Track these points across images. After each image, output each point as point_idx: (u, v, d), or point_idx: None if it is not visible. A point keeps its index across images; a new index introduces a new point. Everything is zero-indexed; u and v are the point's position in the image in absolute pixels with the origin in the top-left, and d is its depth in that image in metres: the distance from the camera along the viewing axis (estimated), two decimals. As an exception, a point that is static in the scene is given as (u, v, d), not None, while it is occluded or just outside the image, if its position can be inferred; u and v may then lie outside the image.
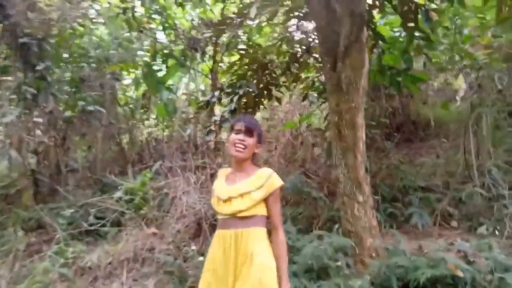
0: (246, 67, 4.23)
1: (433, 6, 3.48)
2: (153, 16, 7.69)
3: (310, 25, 4.39)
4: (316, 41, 4.18)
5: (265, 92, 4.56)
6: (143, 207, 5.10)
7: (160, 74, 8.60)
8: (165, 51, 8.26)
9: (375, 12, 3.32)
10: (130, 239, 4.65)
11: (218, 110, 6.93)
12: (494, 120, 4.05)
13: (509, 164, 3.86)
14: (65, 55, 7.17)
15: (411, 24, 3.25)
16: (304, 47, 3.99)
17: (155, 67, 8.32)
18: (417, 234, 3.75)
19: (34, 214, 5.28)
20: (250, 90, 3.81)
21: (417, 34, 3.47)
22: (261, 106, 4.77)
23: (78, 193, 5.70)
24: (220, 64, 7.66)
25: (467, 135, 4.21)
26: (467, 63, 4.86)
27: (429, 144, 6.40)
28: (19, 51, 5.89)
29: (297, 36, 4.18)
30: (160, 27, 8.04)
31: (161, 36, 8.49)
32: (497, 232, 3.50)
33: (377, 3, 3.18)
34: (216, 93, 4.18)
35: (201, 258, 4.02)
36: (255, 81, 4.02)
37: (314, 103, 5.52)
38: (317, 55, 4.17)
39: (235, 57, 9.17)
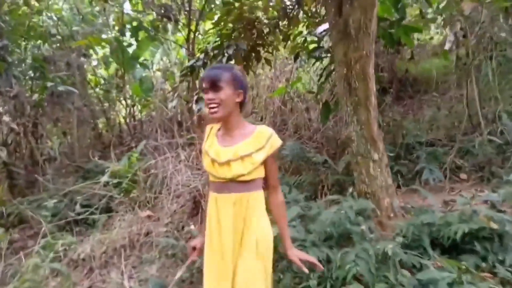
0: (231, 26, 3.85)
1: None
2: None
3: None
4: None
5: (253, 54, 4.21)
6: (132, 190, 4.76)
7: (130, 49, 8.05)
8: (134, 24, 7.65)
9: None
10: (123, 224, 4.33)
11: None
12: (497, 65, 3.88)
13: None
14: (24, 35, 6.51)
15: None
16: (294, 0, 3.63)
17: (124, 43, 7.74)
18: (428, 190, 3.61)
19: (12, 208, 4.84)
20: (241, 49, 3.46)
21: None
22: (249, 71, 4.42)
23: (58, 182, 5.27)
24: (196, 33, 7.14)
25: (470, 84, 4.04)
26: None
27: (421, 100, 6.28)
28: (-30, 31, 5.24)
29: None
30: (126, -3, 7.40)
31: (127, 7, 7.85)
32: (512, 180, 3.41)
33: None
34: (201, 56, 3.81)
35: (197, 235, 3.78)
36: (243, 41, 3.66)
37: (302, 66, 5.20)
38: (307, 8, 3.83)
39: (209, 26, 8.76)
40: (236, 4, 3.57)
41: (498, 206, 2.63)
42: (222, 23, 3.74)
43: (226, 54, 3.55)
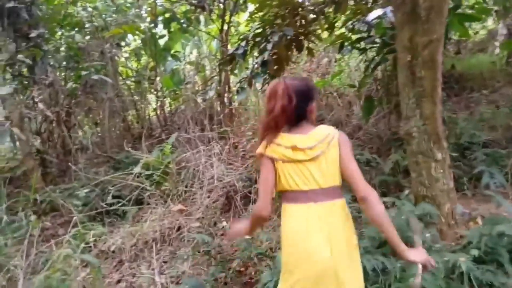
0: (274, 12, 3.62)
1: None
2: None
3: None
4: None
5: (293, 43, 3.95)
6: (164, 182, 4.63)
7: (162, 41, 7.96)
8: (167, 15, 7.54)
9: None
10: (154, 217, 4.20)
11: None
12: None
13: None
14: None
15: None
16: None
17: (157, 35, 7.65)
18: (486, 196, 3.27)
19: (45, 196, 4.82)
20: (287, 36, 3.22)
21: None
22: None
23: (90, 172, 5.22)
24: (230, 24, 6.95)
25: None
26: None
27: (469, 98, 5.84)
28: (8, 19, 5.23)
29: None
30: (160, -13, 7.29)
31: (160, -1, 7.74)
32: None
33: None
34: (243, 44, 3.59)
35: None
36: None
37: (343, 57, 4.90)
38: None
39: (243, 18, 8.56)
40: (282, -12, 3.34)
41: None
42: (266, 8, 3.52)
43: (270, 41, 3.32)
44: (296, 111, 1.62)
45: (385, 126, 4.40)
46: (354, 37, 4.32)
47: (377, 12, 3.56)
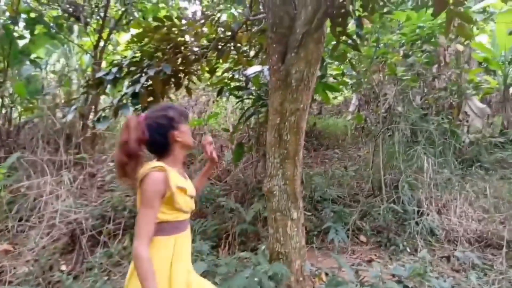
0: (154, 44, 3.44)
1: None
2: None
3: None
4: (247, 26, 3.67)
5: (173, 79, 3.83)
6: (-11, 213, 3.76)
7: (22, 42, 6.86)
8: (32, 15, 6.59)
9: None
10: (-35, 259, 3.32)
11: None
12: (400, 137, 4.23)
13: (417, 180, 4.08)
14: None
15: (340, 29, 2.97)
16: (231, 32, 3.41)
17: (15, 33, 6.55)
18: (331, 249, 3.60)
19: None
20: (164, 71, 3.06)
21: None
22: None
23: None
24: (107, 42, 6.45)
25: (376, 151, 4.31)
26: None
27: (324, 154, 6.56)
28: None
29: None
30: (29, -17, 6.38)
31: (28, -5, 6.75)
32: (408, 250, 3.59)
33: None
34: (113, 70, 3.27)
35: (69, 282, 3.08)
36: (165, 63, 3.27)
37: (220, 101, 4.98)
38: (240, 44, 3.66)
39: (123, 38, 8.07)
40: (166, 23, 3.21)
41: (405, 282, 2.68)
42: (146, 39, 3.32)
43: (144, 74, 3.10)
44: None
45: (252, 173, 4.55)
46: (233, 84, 4.44)
47: (255, 68, 3.74)
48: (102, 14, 6.29)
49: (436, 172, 4.25)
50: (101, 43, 6.38)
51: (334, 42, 3.25)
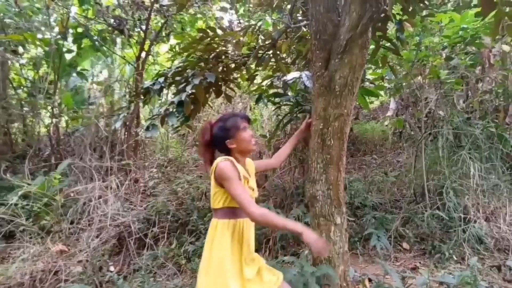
0: (197, 55, 3.58)
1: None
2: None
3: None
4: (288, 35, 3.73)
5: (213, 87, 3.95)
6: (45, 216, 4.01)
7: (68, 55, 7.30)
8: (79, 30, 7.00)
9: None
10: (26, 258, 3.56)
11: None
12: (446, 140, 4.11)
13: (462, 186, 3.94)
14: None
15: (380, 33, 2.96)
16: (272, 40, 3.49)
17: (64, 48, 6.99)
18: (373, 256, 3.55)
19: None
20: (209, 80, 3.19)
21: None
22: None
23: None
24: (148, 54, 6.73)
25: (419, 156, 4.20)
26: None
27: (362, 160, 6.46)
28: None
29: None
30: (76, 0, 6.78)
31: (75, 11, 7.19)
32: (455, 258, 3.48)
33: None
34: (160, 79, 3.44)
35: (120, 282, 3.22)
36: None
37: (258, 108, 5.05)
38: (279, 52, 3.73)
39: (164, 49, 8.38)
40: (210, 33, 3.33)
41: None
42: (191, 50, 3.46)
43: (190, 83, 3.24)
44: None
45: (291, 179, 4.58)
46: (271, 91, 4.50)
47: (294, 74, 3.78)
48: (143, 27, 6.58)
49: (482, 178, 4.09)
50: (143, 54, 6.66)
51: (373, 47, 3.25)
